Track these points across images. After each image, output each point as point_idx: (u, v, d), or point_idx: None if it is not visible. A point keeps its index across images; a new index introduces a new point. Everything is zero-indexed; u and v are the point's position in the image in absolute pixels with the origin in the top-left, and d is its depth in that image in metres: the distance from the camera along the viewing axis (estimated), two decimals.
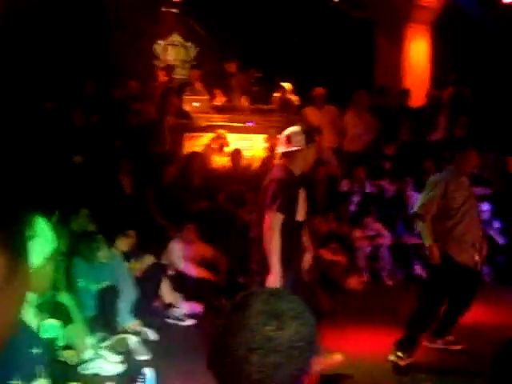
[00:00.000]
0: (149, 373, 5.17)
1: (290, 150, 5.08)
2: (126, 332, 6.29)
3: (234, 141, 10.44)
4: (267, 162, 9.69)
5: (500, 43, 12.23)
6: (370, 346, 6.31)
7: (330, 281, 8.09)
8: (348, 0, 12.91)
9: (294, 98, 11.55)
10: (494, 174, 10.61)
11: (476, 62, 12.30)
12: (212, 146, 10.14)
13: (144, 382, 5.14)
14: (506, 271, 9.13)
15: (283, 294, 1.51)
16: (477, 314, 7.57)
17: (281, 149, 5.21)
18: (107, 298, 6.33)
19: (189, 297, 7.26)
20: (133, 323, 6.48)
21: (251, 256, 5.18)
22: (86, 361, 5.66)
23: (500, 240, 9.46)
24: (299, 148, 5.07)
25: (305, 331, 1.45)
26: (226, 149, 10.17)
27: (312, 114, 10.82)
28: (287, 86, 11.58)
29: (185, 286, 7.31)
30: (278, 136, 10.19)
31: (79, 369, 5.58)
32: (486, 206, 9.70)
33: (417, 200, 7.80)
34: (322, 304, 7.47)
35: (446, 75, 12.61)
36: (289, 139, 5.09)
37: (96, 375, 5.58)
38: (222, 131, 10.25)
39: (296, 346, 1.43)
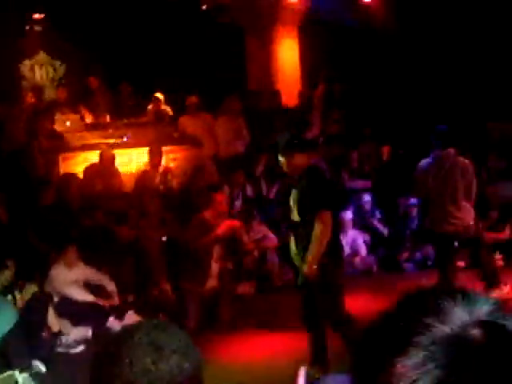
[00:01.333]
0: None
1: None
2: (13, 368, 6.02)
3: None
4: (147, 176, 9.60)
5: (361, 40, 12.66)
6: (267, 350, 6.33)
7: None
8: (216, 6, 12.96)
9: (168, 109, 11.49)
10: (371, 165, 10.96)
11: (344, 58, 12.68)
12: (99, 163, 9.90)
13: None
14: (389, 260, 9.42)
15: (167, 327, 1.46)
16: (366, 303, 7.81)
17: None
18: None
19: (76, 322, 7.05)
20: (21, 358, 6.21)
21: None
22: None
23: (384, 230, 9.75)
24: None
25: (187, 367, 1.40)
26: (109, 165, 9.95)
27: (187, 124, 10.79)
28: (160, 96, 11.50)
29: (71, 311, 7.07)
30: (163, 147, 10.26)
31: None
32: (367, 197, 9.99)
33: None
34: (223, 313, 7.50)
35: (317, 74, 12.92)
36: None
37: None
38: (104, 147, 10.04)
39: (177, 382, 1.38)
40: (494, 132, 10.51)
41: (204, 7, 12.83)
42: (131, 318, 7.39)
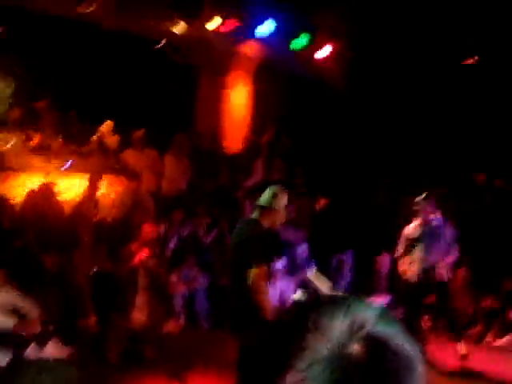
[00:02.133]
0: None
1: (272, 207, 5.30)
2: None
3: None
4: (83, 206, 9.50)
5: (312, 93, 12.93)
6: None
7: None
8: (170, 45, 13.03)
9: (113, 139, 11.44)
10: (306, 217, 11.08)
11: (294, 110, 12.90)
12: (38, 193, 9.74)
13: None
14: None
15: (53, 368, 1.44)
16: None
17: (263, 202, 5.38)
18: None
19: None
20: None
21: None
22: None
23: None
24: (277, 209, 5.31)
25: None
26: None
27: (131, 157, 10.76)
28: (107, 126, 11.43)
29: None
30: (99, 179, 10.16)
31: None
32: (300, 249, 10.06)
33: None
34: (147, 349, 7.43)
35: (265, 122, 13.09)
36: (275, 196, 5.33)
37: None
38: (45, 172, 9.90)
39: None
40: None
41: (159, 45, 12.90)
42: (53, 346, 7.24)
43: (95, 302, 8.10)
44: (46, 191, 9.67)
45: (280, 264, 9.52)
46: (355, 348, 0.81)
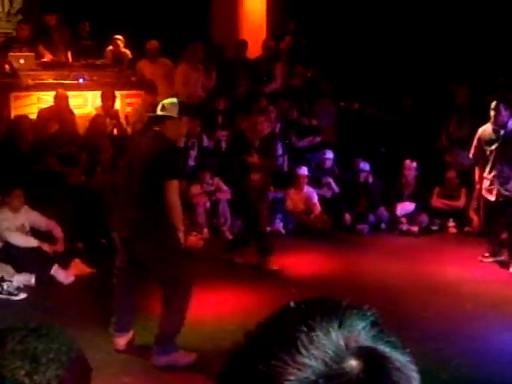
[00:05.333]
0: None
1: (161, 114, 5.05)
2: None
3: None
4: (99, 121, 9.31)
5: None
6: (212, 308, 6.22)
7: None
8: None
9: (127, 52, 11.13)
10: (325, 122, 10.84)
11: (312, 11, 12.39)
12: (53, 105, 9.54)
13: None
14: (343, 220, 9.33)
15: (45, 332, 1.26)
16: (319, 263, 7.78)
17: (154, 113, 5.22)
18: None
19: (20, 269, 6.86)
20: None
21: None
22: None
23: (335, 189, 9.66)
24: (172, 116, 5.01)
25: (67, 377, 1.23)
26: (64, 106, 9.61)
27: (146, 68, 10.47)
28: (120, 38, 11.12)
29: (15, 257, 6.87)
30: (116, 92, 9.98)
31: None
32: (329, 154, 9.87)
33: None
34: None
35: (283, 26, 12.65)
36: (163, 107, 5.08)
37: None
38: (62, 91, 9.67)
39: None
40: (460, 95, 10.37)
41: None
42: (77, 265, 7.24)
43: None
44: (63, 108, 9.47)
45: (305, 169, 9.36)
46: (353, 364, 0.74)
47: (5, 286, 6.63)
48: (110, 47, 11.16)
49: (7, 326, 1.31)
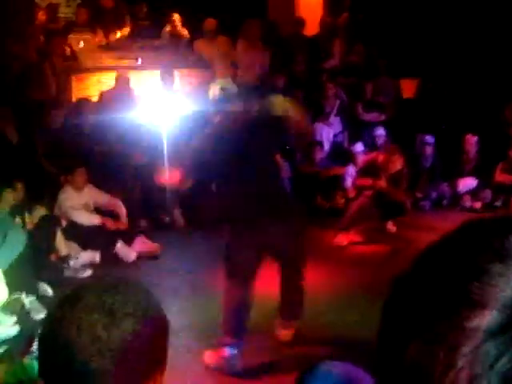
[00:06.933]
0: None
1: None
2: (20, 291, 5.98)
3: None
4: (159, 101, 9.36)
5: None
6: None
7: None
8: None
9: (184, 32, 11.16)
10: (387, 99, 10.68)
11: None
12: (114, 86, 9.67)
13: None
14: None
15: (122, 287, 1.27)
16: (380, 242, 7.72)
17: None
18: None
19: (85, 246, 6.99)
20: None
21: None
22: None
23: None
24: None
25: (144, 331, 1.23)
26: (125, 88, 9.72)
27: (204, 47, 10.48)
28: (177, 18, 11.14)
29: (80, 235, 7.01)
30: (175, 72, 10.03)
31: None
32: (380, 131, 9.74)
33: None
34: None
35: (340, 2, 12.46)
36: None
37: None
38: (118, 69, 9.80)
39: (131, 348, 1.21)
40: None
41: None
42: (140, 243, 7.34)
43: (180, 197, 8.11)
44: (124, 89, 9.58)
45: (360, 145, 9.26)
46: None
47: (71, 263, 6.78)
48: (168, 27, 11.21)
49: (85, 283, 1.32)
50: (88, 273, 6.73)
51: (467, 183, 9.25)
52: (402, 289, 0.64)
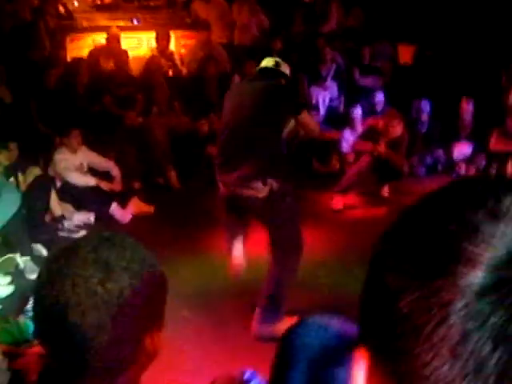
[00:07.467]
0: None
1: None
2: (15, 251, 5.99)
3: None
4: (154, 61, 9.31)
5: None
6: None
7: None
8: None
9: None
10: (384, 64, 10.60)
11: None
12: (106, 44, 9.58)
13: None
14: None
15: (119, 241, 1.25)
16: (377, 206, 7.73)
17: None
18: None
19: (79, 208, 6.99)
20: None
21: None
22: None
23: None
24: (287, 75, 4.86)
25: (141, 286, 1.22)
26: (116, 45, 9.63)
27: (200, 9, 10.37)
28: None
29: (74, 196, 6.99)
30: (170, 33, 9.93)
31: None
32: (380, 96, 9.69)
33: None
34: None
35: None
36: (278, 64, 4.85)
37: None
38: (115, 30, 9.68)
39: (128, 304, 1.20)
40: None
41: None
42: (135, 204, 7.33)
43: (174, 158, 8.09)
44: (116, 47, 9.50)
45: (359, 109, 9.22)
46: None
47: (65, 224, 6.78)
48: None
49: (81, 236, 1.31)
50: (82, 233, 6.72)
51: (462, 150, 9.22)
52: (393, 241, 0.64)
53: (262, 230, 4.59)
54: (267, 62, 4.87)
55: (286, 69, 4.85)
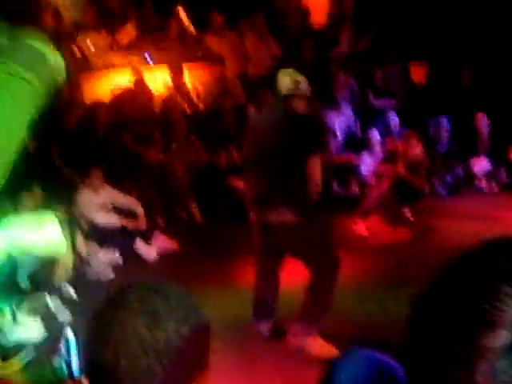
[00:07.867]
0: (71, 335, 4.95)
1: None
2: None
3: None
4: (171, 97, 9.41)
5: None
6: None
7: None
8: None
9: (191, 27, 11.15)
10: (397, 85, 10.62)
11: None
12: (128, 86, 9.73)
13: (68, 344, 4.93)
14: None
15: (163, 289, 1.32)
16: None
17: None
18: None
19: (104, 246, 7.04)
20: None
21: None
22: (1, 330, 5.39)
23: None
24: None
25: (186, 331, 1.28)
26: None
27: (213, 43, 10.48)
28: (182, 13, 11.12)
29: (99, 235, 7.06)
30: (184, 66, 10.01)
31: None
32: (395, 118, 9.72)
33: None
34: None
35: None
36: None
37: (15, 344, 5.31)
38: (138, 69, 9.84)
39: (175, 348, 1.26)
40: None
41: None
42: (159, 240, 7.38)
43: (196, 192, 8.15)
44: (139, 86, 9.62)
45: (376, 133, 9.24)
46: None
47: (92, 264, 6.82)
48: (173, 23, 11.18)
49: (127, 284, 1.35)
50: (110, 274, 6.76)
51: (482, 166, 9.21)
52: (423, 308, 0.69)
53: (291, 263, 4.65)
54: (284, 82, 4.96)
55: (304, 85, 4.94)
